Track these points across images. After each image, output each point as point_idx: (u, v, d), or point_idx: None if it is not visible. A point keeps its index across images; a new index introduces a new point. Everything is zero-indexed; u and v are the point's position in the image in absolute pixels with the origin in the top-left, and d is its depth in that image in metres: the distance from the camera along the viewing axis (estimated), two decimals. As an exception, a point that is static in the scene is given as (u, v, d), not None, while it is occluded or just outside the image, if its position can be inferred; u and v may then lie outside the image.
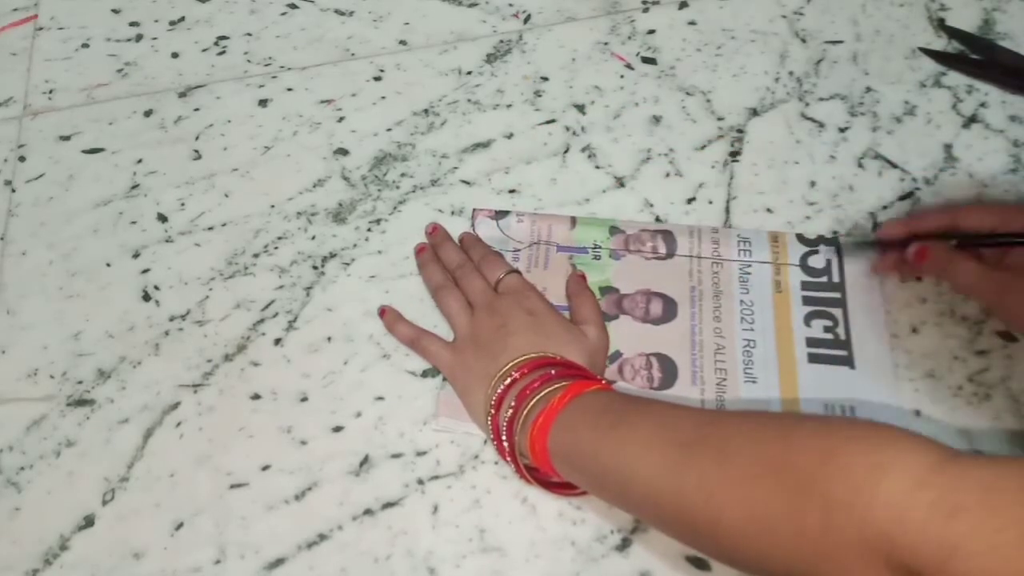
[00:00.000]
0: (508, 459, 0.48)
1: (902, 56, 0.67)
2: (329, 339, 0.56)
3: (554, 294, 0.56)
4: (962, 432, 0.50)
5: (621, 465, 0.42)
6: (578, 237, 0.58)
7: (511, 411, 0.47)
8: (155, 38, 0.72)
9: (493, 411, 0.48)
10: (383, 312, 0.56)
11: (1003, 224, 0.51)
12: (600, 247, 0.58)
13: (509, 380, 0.48)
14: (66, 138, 0.66)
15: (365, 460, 0.51)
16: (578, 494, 0.48)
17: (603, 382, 0.48)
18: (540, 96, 0.67)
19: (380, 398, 0.53)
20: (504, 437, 0.48)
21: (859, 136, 0.63)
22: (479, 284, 0.55)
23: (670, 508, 0.40)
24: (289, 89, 0.68)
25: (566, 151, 0.64)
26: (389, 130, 0.65)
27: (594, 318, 0.53)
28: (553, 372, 0.48)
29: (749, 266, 0.56)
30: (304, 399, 0.53)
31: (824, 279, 0.55)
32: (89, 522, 0.50)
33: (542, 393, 0.47)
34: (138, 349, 0.56)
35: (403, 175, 0.63)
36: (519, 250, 0.58)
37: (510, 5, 0.72)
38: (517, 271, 0.56)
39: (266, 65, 0.70)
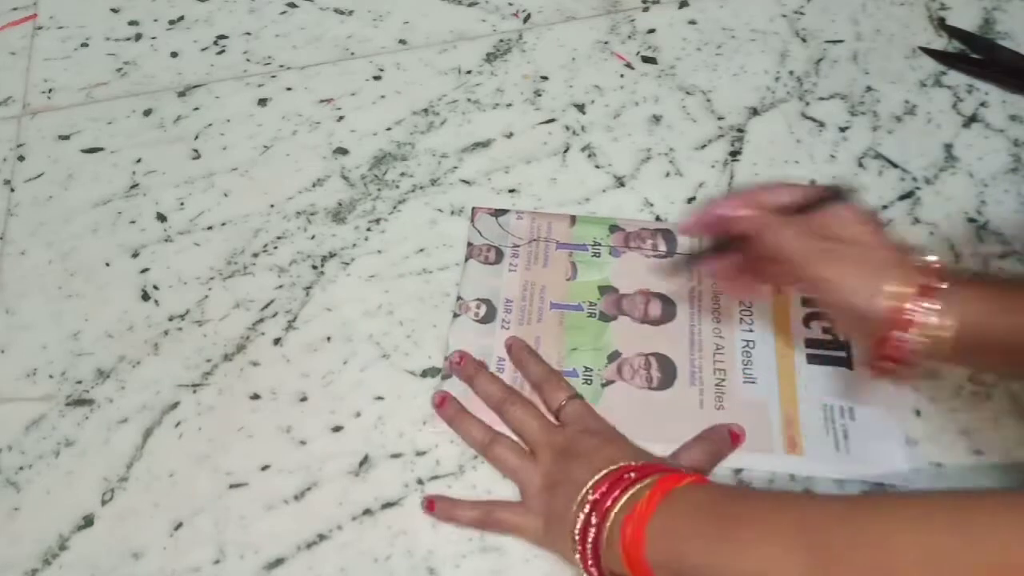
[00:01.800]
0: None
1: (902, 55, 0.67)
2: (328, 339, 0.56)
3: (553, 292, 0.56)
4: (962, 432, 0.50)
5: None
6: (578, 235, 0.58)
7: (594, 532, 0.41)
8: (154, 37, 0.72)
9: (579, 545, 0.41)
10: (431, 506, 0.48)
11: (806, 197, 0.46)
12: (600, 244, 0.58)
13: (588, 507, 0.42)
14: (65, 137, 0.66)
15: (365, 460, 0.51)
16: None
17: (693, 475, 0.42)
18: (540, 95, 0.66)
19: (380, 398, 0.53)
20: (591, 562, 0.41)
21: (859, 135, 0.63)
22: (534, 423, 0.48)
23: None
24: (288, 88, 0.68)
25: (566, 150, 0.63)
26: (389, 129, 0.65)
27: (699, 461, 0.47)
28: (633, 476, 0.42)
29: (749, 266, 0.56)
30: (304, 399, 0.53)
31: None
32: (88, 522, 0.50)
33: (623, 500, 0.41)
34: (137, 349, 0.56)
35: (403, 174, 0.63)
36: (519, 246, 0.58)
37: (510, 4, 0.72)
38: (580, 396, 0.50)
39: (265, 64, 0.70)
